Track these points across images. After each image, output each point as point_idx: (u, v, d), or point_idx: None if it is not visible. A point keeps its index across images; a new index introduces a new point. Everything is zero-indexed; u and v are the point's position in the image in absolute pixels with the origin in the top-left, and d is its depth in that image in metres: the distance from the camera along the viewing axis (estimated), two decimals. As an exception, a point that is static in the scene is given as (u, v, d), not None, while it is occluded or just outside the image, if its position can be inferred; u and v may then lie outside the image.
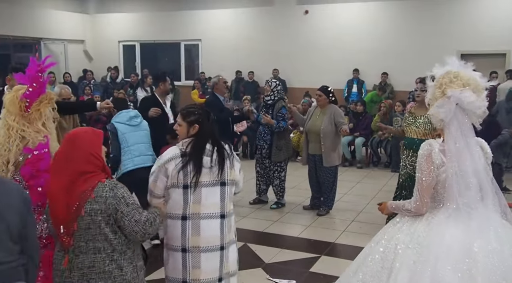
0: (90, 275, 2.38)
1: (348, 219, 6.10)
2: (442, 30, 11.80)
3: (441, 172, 2.58)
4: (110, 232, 2.40)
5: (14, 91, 2.86)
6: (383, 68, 12.21)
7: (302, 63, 13.13)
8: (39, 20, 14.48)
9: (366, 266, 2.70)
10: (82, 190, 2.37)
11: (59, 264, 2.43)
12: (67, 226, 2.37)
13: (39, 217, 2.74)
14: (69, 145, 2.45)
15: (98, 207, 2.37)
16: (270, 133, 6.28)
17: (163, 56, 16.38)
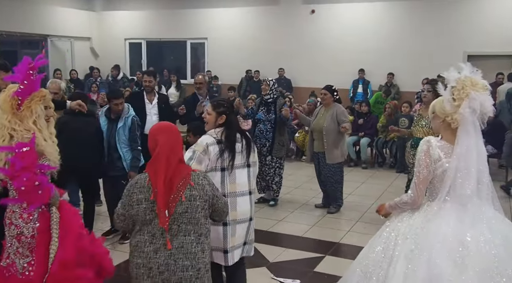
0: (177, 255, 2.59)
1: (353, 219, 6.10)
2: (449, 30, 11.76)
3: (438, 167, 2.78)
4: (202, 217, 2.66)
5: (7, 90, 2.89)
6: (389, 68, 12.19)
7: (308, 63, 13.11)
8: (46, 17, 14.53)
9: (369, 257, 2.91)
10: (181, 177, 2.61)
11: (143, 247, 2.60)
12: (170, 210, 2.56)
13: (29, 217, 2.80)
14: (172, 135, 2.69)
15: (197, 193, 2.64)
16: (272, 130, 6.35)
17: (169, 54, 16.41)
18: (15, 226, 2.81)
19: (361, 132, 9.35)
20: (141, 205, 2.60)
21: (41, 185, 2.73)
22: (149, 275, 2.58)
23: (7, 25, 13.27)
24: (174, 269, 2.57)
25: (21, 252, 2.79)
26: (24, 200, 2.75)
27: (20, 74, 2.88)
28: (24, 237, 2.79)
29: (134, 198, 2.63)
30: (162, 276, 2.57)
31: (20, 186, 2.67)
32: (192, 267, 2.60)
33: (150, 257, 2.58)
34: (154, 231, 2.59)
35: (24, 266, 2.78)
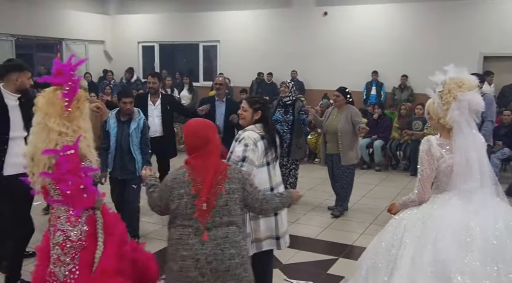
0: (223, 244, 2.71)
1: (366, 221, 6.05)
2: (464, 31, 11.62)
3: (441, 163, 2.95)
4: (239, 209, 2.80)
5: (48, 93, 2.81)
6: (402, 70, 12.10)
7: (321, 65, 13.07)
8: (60, 21, 14.69)
9: (378, 248, 3.07)
10: (220, 171, 2.73)
11: (187, 239, 2.69)
12: (210, 203, 2.66)
13: (77, 219, 2.73)
14: (213, 131, 2.83)
15: (235, 187, 2.78)
16: (290, 131, 6.37)
17: (181, 57, 16.48)
18: (61, 232, 2.73)
19: (374, 135, 9.29)
20: (182, 200, 2.71)
21: (86, 188, 2.70)
22: (196, 266, 2.66)
23: (23, 29, 13.45)
24: (222, 258, 2.69)
25: (62, 260, 2.71)
26: (69, 204, 2.70)
27: (64, 76, 2.83)
28: (70, 241, 2.72)
29: (174, 193, 2.73)
30: (210, 265, 2.67)
31: (66, 189, 2.64)
32: (237, 255, 2.74)
33: (196, 248, 2.67)
34: (198, 224, 2.69)
35: (65, 274, 2.70)
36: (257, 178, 3.32)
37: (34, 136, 2.77)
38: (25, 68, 3.92)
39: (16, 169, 3.60)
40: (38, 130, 2.76)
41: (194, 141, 2.77)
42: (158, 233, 5.47)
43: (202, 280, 2.68)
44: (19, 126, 3.86)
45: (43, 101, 2.78)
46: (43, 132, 2.73)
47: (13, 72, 3.85)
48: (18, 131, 3.84)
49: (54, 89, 2.82)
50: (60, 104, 2.77)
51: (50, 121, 2.74)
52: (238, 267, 2.74)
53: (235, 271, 2.73)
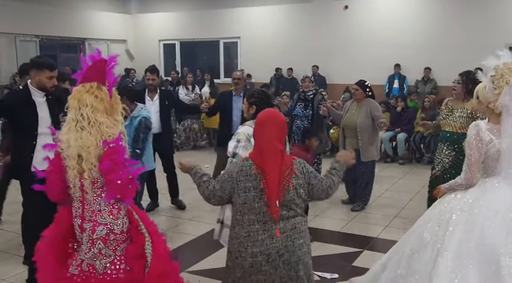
0: (293, 235, 2.72)
1: (390, 214, 6.01)
2: (488, 22, 11.42)
3: (490, 147, 2.97)
4: (303, 202, 2.79)
5: (95, 89, 2.76)
6: (425, 62, 11.96)
7: (342, 59, 13.01)
8: (83, 21, 14.93)
9: (424, 226, 3.12)
10: (287, 166, 2.70)
11: (256, 235, 2.68)
12: (280, 199, 2.65)
13: (119, 212, 2.72)
14: (279, 125, 2.77)
15: (302, 182, 2.76)
16: (310, 126, 6.30)
17: (202, 54, 16.59)
18: (103, 226, 2.68)
19: (398, 128, 9.20)
20: (249, 193, 2.69)
21: (132, 179, 2.70)
22: (267, 260, 2.67)
23: (46, 30, 13.72)
24: (293, 249, 2.70)
25: (104, 253, 2.68)
26: (118, 195, 2.68)
27: (103, 72, 2.82)
28: (114, 234, 2.69)
29: (241, 185, 2.71)
30: (283, 258, 2.68)
31: (116, 180, 2.62)
32: (305, 243, 2.77)
33: (267, 243, 2.67)
34: (265, 218, 2.68)
35: (106, 266, 2.68)
36: None
37: (77, 133, 2.69)
38: (45, 67, 3.85)
39: (44, 165, 3.63)
40: (86, 124, 2.70)
41: (257, 132, 2.77)
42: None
43: (274, 272, 2.69)
44: (47, 122, 3.89)
45: (92, 97, 2.73)
46: (93, 128, 2.69)
47: (32, 70, 3.88)
48: (46, 128, 3.81)
49: (98, 86, 2.77)
50: (106, 99, 2.77)
51: (100, 116, 2.72)
52: (307, 255, 2.78)
53: (305, 259, 2.76)
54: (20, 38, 13.29)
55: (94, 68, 2.80)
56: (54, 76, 3.92)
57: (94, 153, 2.65)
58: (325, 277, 4.30)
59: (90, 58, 2.82)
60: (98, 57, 2.82)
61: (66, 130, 2.75)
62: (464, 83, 4.90)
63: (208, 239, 5.13)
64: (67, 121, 2.77)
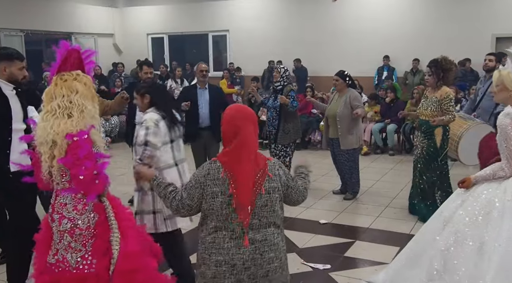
0: (263, 248, 2.46)
1: (382, 204, 6.02)
2: (475, 13, 11.44)
3: None
4: (279, 208, 2.53)
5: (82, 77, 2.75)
6: (414, 54, 11.95)
7: (331, 51, 12.95)
8: (69, 15, 14.71)
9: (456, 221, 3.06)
10: (259, 168, 2.46)
11: (222, 243, 2.44)
12: (252, 205, 2.41)
13: (84, 207, 2.67)
14: (255, 123, 2.52)
15: (276, 185, 2.50)
16: (278, 117, 6.34)
17: (191, 48, 16.47)
18: (68, 220, 2.65)
19: (387, 119, 9.22)
20: (216, 199, 2.43)
21: (98, 174, 2.63)
22: (232, 272, 2.43)
23: (32, 23, 13.49)
24: (261, 262, 2.45)
25: (73, 246, 2.64)
26: (81, 190, 2.63)
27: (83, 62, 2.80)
28: (79, 229, 2.64)
29: (208, 191, 2.44)
30: (248, 271, 2.44)
31: (79, 175, 2.56)
32: (276, 258, 2.50)
33: (232, 253, 2.43)
34: (233, 226, 2.43)
35: (77, 260, 2.64)
36: (161, 155, 3.51)
37: (59, 120, 2.64)
38: (15, 58, 3.63)
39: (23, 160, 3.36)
40: (76, 112, 2.66)
41: (227, 128, 2.48)
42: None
43: None
44: (19, 117, 3.61)
45: (81, 84, 2.71)
46: (81, 114, 2.66)
47: (1, 62, 3.59)
48: (19, 123, 3.60)
49: (79, 73, 2.75)
50: (92, 87, 2.76)
51: (88, 103, 2.70)
52: (277, 270, 2.51)
53: (274, 276, 2.50)
54: (4, 33, 13.07)
55: (72, 57, 2.77)
56: (25, 67, 3.71)
57: (64, 145, 2.61)
58: (317, 268, 4.29)
59: (63, 47, 2.80)
60: (70, 47, 2.81)
61: (44, 117, 2.68)
62: (434, 73, 5.15)
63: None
64: (48, 108, 2.69)
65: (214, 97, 6.18)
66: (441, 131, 5.20)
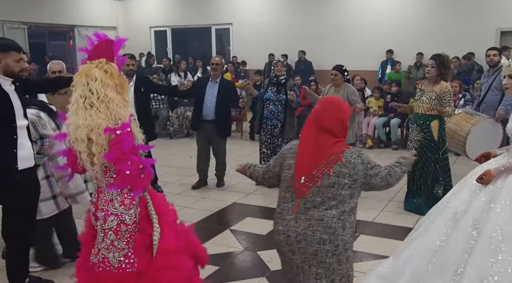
0: (316, 227, 2.57)
1: (385, 199, 6.02)
2: (479, 6, 11.42)
3: None
4: (348, 196, 2.60)
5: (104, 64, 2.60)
6: (418, 48, 11.93)
7: (334, 46, 12.94)
8: (72, 8, 14.71)
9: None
10: (332, 152, 2.61)
11: (286, 214, 2.65)
12: (310, 179, 2.59)
13: (131, 202, 2.55)
14: (332, 110, 2.70)
15: (347, 171, 2.60)
16: (284, 111, 6.36)
17: (194, 41, 16.45)
18: (114, 216, 2.53)
19: (391, 113, 9.20)
20: (290, 171, 2.68)
21: (144, 168, 2.54)
22: (287, 242, 2.63)
23: (35, 16, 13.50)
24: (311, 240, 2.57)
25: (116, 245, 2.53)
26: (127, 185, 2.52)
27: (115, 52, 2.68)
28: (125, 225, 2.53)
29: (286, 162, 2.73)
30: (299, 245, 2.60)
31: (125, 170, 2.46)
32: (329, 241, 2.56)
33: (290, 225, 2.62)
34: (296, 200, 2.64)
35: (119, 259, 2.54)
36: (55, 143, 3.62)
37: (86, 111, 2.51)
38: (11, 49, 3.39)
39: (27, 162, 3.42)
40: (97, 101, 2.51)
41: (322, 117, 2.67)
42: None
43: (292, 258, 2.65)
44: (20, 113, 3.43)
45: (101, 72, 2.56)
46: (103, 103, 2.51)
47: None
48: (21, 120, 3.42)
49: (107, 61, 2.60)
50: (116, 75, 2.61)
51: (109, 91, 2.55)
52: (329, 255, 2.57)
53: (325, 259, 2.57)
54: (7, 25, 13.08)
55: (101, 46, 2.64)
56: (24, 59, 3.46)
57: (105, 138, 2.47)
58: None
59: (96, 37, 2.66)
60: (104, 36, 2.69)
61: (73, 110, 2.54)
62: (437, 66, 5.15)
63: (203, 226, 5.13)
64: (73, 100, 2.56)
65: (223, 92, 6.20)
66: (437, 124, 5.26)
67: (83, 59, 2.68)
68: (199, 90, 6.26)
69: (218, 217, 5.51)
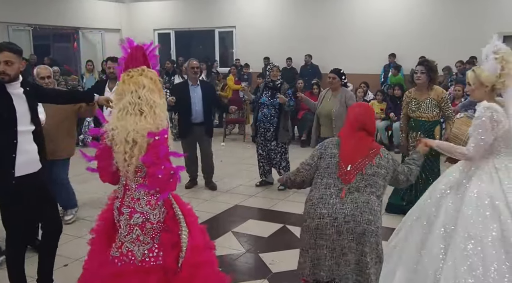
0: (364, 208, 2.89)
1: (385, 202, 6.02)
2: (482, 10, 11.43)
3: (499, 129, 3.08)
4: (382, 186, 3.02)
5: (149, 72, 2.74)
6: (420, 52, 11.91)
7: (338, 49, 12.96)
8: (77, 10, 14.78)
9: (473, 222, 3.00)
10: (372, 147, 3.06)
11: (329, 198, 2.93)
12: (355, 167, 2.97)
13: (156, 202, 2.71)
14: (365, 111, 3.20)
15: (384, 164, 3.03)
16: (277, 115, 6.39)
17: (197, 44, 16.49)
18: (140, 214, 2.69)
19: (394, 116, 9.22)
20: (333, 159, 3.03)
21: (174, 174, 2.65)
22: (333, 224, 2.86)
23: (39, 18, 13.58)
24: (360, 220, 2.85)
25: (142, 239, 2.69)
26: (156, 188, 2.67)
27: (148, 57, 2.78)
28: (150, 223, 2.69)
29: (328, 151, 3.08)
30: (348, 225, 2.84)
31: (157, 174, 2.59)
32: (374, 222, 2.88)
33: (336, 208, 2.88)
34: (342, 186, 2.95)
35: (144, 253, 2.69)
36: None
37: (135, 116, 2.63)
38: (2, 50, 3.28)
39: (28, 168, 3.37)
40: (146, 107, 2.64)
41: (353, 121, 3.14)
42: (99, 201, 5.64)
43: (337, 239, 2.86)
44: (26, 118, 3.37)
45: (147, 79, 2.70)
46: (151, 109, 2.65)
47: None
48: (25, 125, 3.37)
49: (148, 68, 2.75)
50: (158, 81, 2.75)
51: (156, 98, 2.69)
52: (373, 235, 2.87)
53: (370, 238, 2.86)
54: (12, 27, 13.16)
55: (136, 53, 2.75)
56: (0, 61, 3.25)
57: (145, 142, 2.61)
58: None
59: (128, 44, 2.77)
60: (133, 44, 2.78)
61: (120, 116, 2.65)
62: (427, 72, 5.10)
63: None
64: (120, 106, 2.67)
65: (206, 93, 6.34)
66: (439, 128, 5.33)
67: (118, 66, 2.82)
68: (184, 96, 6.29)
69: (220, 219, 5.55)
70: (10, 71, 3.27)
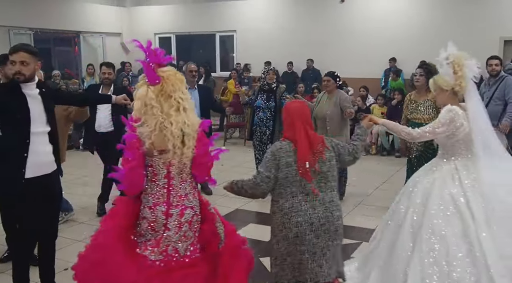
0: (331, 208, 3.03)
1: (387, 206, 5.99)
2: (483, 15, 11.44)
3: (460, 132, 3.27)
4: (336, 174, 3.13)
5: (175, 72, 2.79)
6: (421, 56, 11.92)
7: (339, 53, 12.97)
8: (78, 14, 14.80)
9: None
10: (318, 141, 3.07)
11: (299, 206, 2.98)
12: (312, 166, 2.99)
13: (199, 193, 2.86)
14: (305, 105, 3.27)
15: (333, 154, 3.11)
16: (273, 118, 6.40)
17: (198, 48, 16.51)
18: (190, 209, 2.74)
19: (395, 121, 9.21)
20: (291, 167, 3.00)
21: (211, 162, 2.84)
22: (311, 229, 2.96)
23: (41, 22, 13.59)
24: (332, 220, 3.01)
25: (187, 235, 2.73)
26: (206, 176, 2.83)
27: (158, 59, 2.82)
28: (196, 216, 2.77)
29: (282, 161, 3.02)
30: (324, 227, 2.98)
31: (209, 162, 2.79)
32: (340, 216, 3.08)
33: (310, 213, 2.97)
34: (307, 190, 3.00)
35: (187, 247, 2.74)
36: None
37: (185, 114, 2.72)
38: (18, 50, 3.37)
39: (40, 169, 3.38)
40: (188, 106, 2.75)
41: (284, 118, 3.19)
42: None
43: (317, 242, 2.97)
44: (41, 119, 3.39)
45: (177, 80, 2.76)
46: (190, 107, 2.77)
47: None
48: (40, 126, 3.38)
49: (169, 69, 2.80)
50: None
51: (188, 97, 2.80)
52: (341, 227, 3.09)
53: (341, 231, 3.08)
54: (14, 31, 13.17)
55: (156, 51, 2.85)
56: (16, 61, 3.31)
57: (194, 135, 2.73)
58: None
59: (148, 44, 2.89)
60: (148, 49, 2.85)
61: (172, 112, 2.67)
62: (426, 75, 5.21)
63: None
64: (170, 104, 2.69)
65: (204, 97, 6.37)
66: None
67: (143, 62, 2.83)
68: None
69: (220, 223, 5.53)
70: (26, 71, 3.33)
